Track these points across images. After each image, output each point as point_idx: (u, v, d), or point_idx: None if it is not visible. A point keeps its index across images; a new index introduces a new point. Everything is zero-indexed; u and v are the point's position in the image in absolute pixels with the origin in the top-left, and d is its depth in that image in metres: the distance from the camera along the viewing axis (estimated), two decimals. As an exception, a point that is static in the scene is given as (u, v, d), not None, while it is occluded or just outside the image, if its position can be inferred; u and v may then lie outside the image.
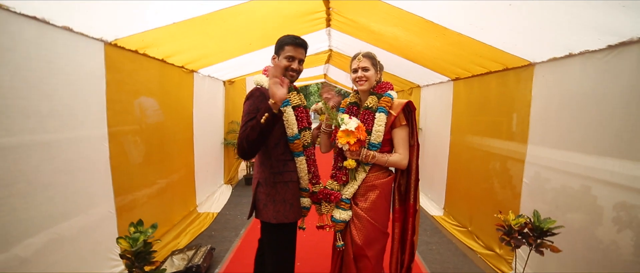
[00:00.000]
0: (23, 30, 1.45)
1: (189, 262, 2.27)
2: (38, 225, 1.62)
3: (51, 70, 1.64)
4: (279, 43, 1.52)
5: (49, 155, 1.65)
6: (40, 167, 1.60)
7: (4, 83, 1.38)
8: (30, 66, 1.51)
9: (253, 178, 1.57)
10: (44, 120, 1.61)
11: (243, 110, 1.44)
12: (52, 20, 1.57)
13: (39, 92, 1.57)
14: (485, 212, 2.83)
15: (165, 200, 2.92)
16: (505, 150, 2.54)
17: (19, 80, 1.45)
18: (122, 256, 1.72)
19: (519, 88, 2.30)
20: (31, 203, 1.56)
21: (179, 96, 3.21)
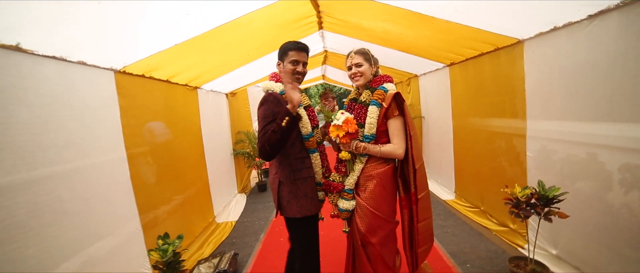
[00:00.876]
0: (44, 69, 1.59)
1: (215, 269, 2.38)
2: (70, 249, 1.70)
3: (66, 103, 1.73)
4: (282, 49, 1.63)
5: (70, 185, 1.73)
6: (63, 196, 1.68)
7: (22, 120, 1.48)
8: (44, 102, 1.60)
9: (272, 179, 1.66)
10: (61, 152, 1.68)
11: (258, 116, 1.53)
12: (68, 57, 1.70)
13: (55, 125, 1.65)
14: (496, 191, 2.87)
15: (185, 214, 3.05)
16: (507, 128, 2.60)
17: (35, 116, 1.54)
18: (155, 267, 1.85)
19: (511, 66, 2.36)
20: (60, 230, 1.64)
21: (186, 113, 3.34)
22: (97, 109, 1.97)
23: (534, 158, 2.26)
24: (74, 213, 1.75)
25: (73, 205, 1.75)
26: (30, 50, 1.49)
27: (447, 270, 2.27)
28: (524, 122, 2.29)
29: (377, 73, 1.69)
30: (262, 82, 1.77)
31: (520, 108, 2.32)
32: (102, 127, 2.02)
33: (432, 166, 4.59)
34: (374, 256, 1.62)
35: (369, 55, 1.68)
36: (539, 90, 2.13)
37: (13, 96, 1.44)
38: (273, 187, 1.65)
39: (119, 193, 2.14)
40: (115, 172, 2.12)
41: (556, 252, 2.14)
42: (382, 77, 1.67)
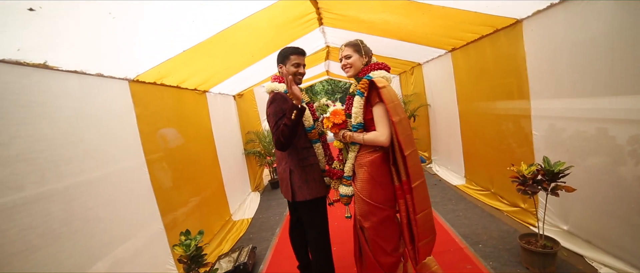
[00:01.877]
0: (67, 83, 1.71)
1: (235, 262, 2.49)
2: (99, 252, 1.83)
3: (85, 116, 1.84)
4: (283, 54, 1.82)
5: (94, 192, 1.84)
6: (89, 204, 1.79)
7: (46, 135, 1.57)
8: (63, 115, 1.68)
9: (282, 170, 1.83)
10: (82, 162, 1.78)
11: (269, 114, 1.74)
12: (87, 71, 1.82)
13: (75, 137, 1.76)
14: (505, 172, 2.87)
15: (203, 214, 3.18)
16: (512, 109, 2.62)
17: (57, 130, 1.64)
18: (179, 260, 1.97)
19: (512, 46, 2.38)
20: (88, 235, 1.76)
21: (197, 116, 3.46)
22: (114, 118, 2.09)
23: (541, 137, 2.28)
24: (100, 219, 1.87)
25: (99, 212, 1.87)
26: (56, 67, 1.61)
27: (459, 251, 2.32)
28: (528, 102, 2.30)
29: (369, 62, 1.70)
30: (266, 83, 1.92)
31: (524, 88, 2.33)
32: (121, 135, 2.14)
33: (441, 153, 4.61)
34: (370, 240, 1.69)
35: (360, 47, 1.70)
36: (540, 69, 2.15)
37: (35, 113, 1.54)
38: (284, 176, 1.81)
39: (141, 196, 2.27)
40: (136, 177, 2.25)
41: (567, 228, 2.16)
42: (371, 66, 1.67)
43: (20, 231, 1.39)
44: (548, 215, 2.26)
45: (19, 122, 1.45)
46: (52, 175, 1.58)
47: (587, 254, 1.96)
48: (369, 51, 1.74)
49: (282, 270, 2.48)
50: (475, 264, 2.13)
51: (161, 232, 2.41)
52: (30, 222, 1.44)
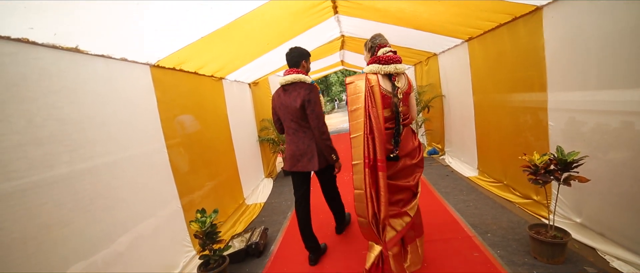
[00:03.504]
0: (95, 67, 1.83)
1: (248, 241, 2.61)
2: (123, 228, 1.97)
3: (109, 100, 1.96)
4: (307, 54, 2.32)
5: (119, 173, 1.97)
6: (113, 184, 1.92)
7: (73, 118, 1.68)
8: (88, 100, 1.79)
9: (308, 144, 2.21)
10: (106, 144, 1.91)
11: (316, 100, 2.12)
12: (113, 55, 1.93)
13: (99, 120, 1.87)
14: (519, 165, 2.85)
15: (218, 196, 3.32)
16: (529, 101, 2.56)
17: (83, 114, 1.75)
18: (195, 236, 2.09)
19: (530, 35, 2.31)
20: (112, 212, 1.89)
21: (214, 103, 3.58)
22: (136, 103, 2.20)
23: (558, 129, 2.23)
24: (124, 199, 2.00)
25: (122, 192, 2.00)
26: (86, 51, 1.73)
27: (467, 239, 2.34)
28: (544, 94, 2.25)
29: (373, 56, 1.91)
30: (292, 75, 2.17)
31: (541, 79, 2.28)
32: (142, 119, 2.26)
33: (454, 144, 4.56)
34: None
35: (367, 44, 1.99)
36: (559, 59, 2.09)
37: (66, 97, 1.65)
38: (310, 150, 2.20)
39: (160, 178, 2.40)
40: (157, 160, 2.37)
41: (580, 220, 2.13)
42: (369, 60, 1.92)
43: (55, 206, 1.52)
44: (561, 207, 2.23)
45: (51, 105, 1.56)
46: (79, 155, 1.69)
47: (599, 247, 1.93)
48: (372, 47, 1.93)
49: (293, 251, 2.58)
50: (482, 252, 2.15)
51: (179, 212, 2.55)
52: (62, 198, 1.56)
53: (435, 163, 4.71)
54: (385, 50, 1.85)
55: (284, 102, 2.18)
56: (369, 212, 1.71)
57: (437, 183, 3.73)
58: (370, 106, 1.74)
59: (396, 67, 1.81)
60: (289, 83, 2.16)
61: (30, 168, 1.43)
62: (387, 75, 1.83)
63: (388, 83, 1.84)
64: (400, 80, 1.85)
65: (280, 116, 2.28)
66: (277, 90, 2.31)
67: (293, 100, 2.11)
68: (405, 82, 1.90)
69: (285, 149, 2.37)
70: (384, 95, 1.80)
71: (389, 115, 1.86)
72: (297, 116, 2.15)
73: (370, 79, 1.79)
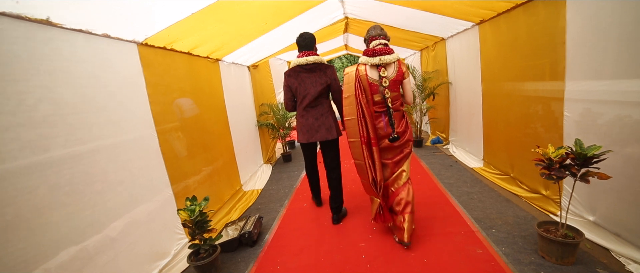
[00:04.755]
0: (74, 42, 1.68)
1: (241, 230, 2.53)
2: (117, 212, 1.93)
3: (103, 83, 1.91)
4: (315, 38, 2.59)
5: (114, 157, 1.94)
6: (108, 168, 1.90)
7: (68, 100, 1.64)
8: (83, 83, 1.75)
9: (327, 117, 2.55)
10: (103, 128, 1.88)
11: (337, 79, 2.53)
12: (93, 30, 1.78)
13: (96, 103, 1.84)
14: (528, 157, 2.70)
15: (213, 183, 3.23)
16: (542, 90, 2.38)
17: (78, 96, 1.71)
18: (184, 225, 2.00)
19: (550, 17, 2.11)
20: (107, 197, 1.87)
21: (209, 86, 3.42)
22: (122, 84, 2.06)
23: (573, 121, 2.06)
24: (119, 183, 1.97)
25: (118, 176, 1.97)
26: (59, 24, 1.57)
27: (470, 234, 2.23)
28: (562, 82, 2.06)
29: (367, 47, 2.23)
30: (312, 57, 2.46)
31: (559, 66, 2.09)
32: (130, 102, 2.12)
33: (459, 134, 4.40)
34: None
35: (365, 36, 2.28)
36: (582, 44, 1.89)
37: (59, 78, 1.60)
38: (328, 122, 2.54)
39: (150, 164, 2.28)
40: (146, 146, 2.25)
41: (593, 219, 1.99)
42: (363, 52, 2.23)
43: (50, 188, 1.50)
44: (573, 203, 2.10)
45: (45, 86, 1.52)
46: (75, 138, 1.67)
47: (613, 248, 1.81)
48: (368, 38, 2.23)
49: (288, 240, 2.50)
50: (486, 248, 2.04)
51: (170, 199, 2.45)
52: (57, 181, 1.54)
53: (439, 152, 4.56)
54: (375, 43, 2.15)
55: (307, 81, 2.48)
56: (370, 177, 2.19)
57: (440, 174, 3.60)
58: (359, 94, 2.11)
59: (381, 58, 2.08)
60: (310, 63, 2.45)
61: (22, 150, 1.39)
62: (374, 65, 2.12)
63: (375, 72, 2.12)
64: (387, 69, 2.12)
65: (298, 92, 2.53)
66: (293, 69, 2.53)
67: (318, 78, 2.48)
68: (394, 71, 2.13)
69: (300, 123, 2.59)
70: (371, 84, 2.13)
71: (379, 100, 2.16)
72: (320, 93, 2.49)
73: (359, 70, 2.14)
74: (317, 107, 2.53)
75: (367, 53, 2.15)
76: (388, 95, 2.10)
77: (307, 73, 2.47)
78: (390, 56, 2.09)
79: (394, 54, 2.13)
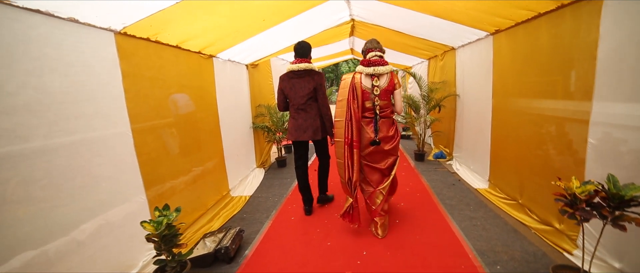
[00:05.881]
0: (33, 26, 1.46)
1: (218, 244, 2.29)
2: (92, 212, 1.81)
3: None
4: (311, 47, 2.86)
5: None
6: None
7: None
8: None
9: (314, 119, 2.76)
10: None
11: (324, 86, 2.77)
12: (56, 13, 1.57)
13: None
14: (539, 182, 2.46)
15: (197, 186, 3.00)
16: (563, 110, 2.12)
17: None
18: (148, 239, 1.76)
19: (580, 29, 1.85)
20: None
21: (200, 83, 3.20)
22: (94, 76, 1.86)
23: (599, 148, 1.80)
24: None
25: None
26: (7, 1, 1.36)
27: (472, 270, 1.97)
28: (588, 103, 1.80)
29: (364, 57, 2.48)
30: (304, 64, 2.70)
31: (586, 84, 1.83)
32: (102, 97, 1.92)
33: (464, 150, 4.14)
34: None
35: (363, 47, 2.53)
36: (617, 61, 1.63)
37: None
38: (315, 123, 2.75)
39: (123, 166, 2.07)
40: (118, 145, 2.04)
41: (620, 266, 1.69)
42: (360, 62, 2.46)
43: (23, 181, 1.42)
44: (594, 244, 1.83)
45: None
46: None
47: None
48: (365, 49, 2.49)
49: (269, 259, 2.26)
50: (490, 290, 1.78)
51: (144, 205, 2.24)
52: (32, 173, 1.46)
53: (442, 168, 4.30)
54: (371, 55, 2.39)
55: (297, 85, 2.70)
56: (346, 176, 2.39)
57: (441, 193, 3.34)
58: (351, 99, 2.32)
59: (375, 68, 2.32)
60: (302, 70, 2.68)
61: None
62: (369, 74, 2.34)
63: (369, 81, 2.35)
64: (380, 79, 2.35)
65: (289, 96, 2.78)
66: (286, 74, 2.78)
67: (307, 83, 2.68)
68: (386, 81, 2.36)
69: (291, 123, 2.82)
70: (364, 91, 2.35)
71: (370, 107, 2.38)
72: (308, 97, 2.70)
73: (355, 77, 2.36)
74: (307, 109, 2.74)
75: (364, 63, 2.38)
76: (377, 103, 2.34)
77: (298, 78, 2.71)
78: (384, 67, 2.33)
79: (388, 65, 2.36)
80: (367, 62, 2.36)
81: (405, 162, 4.71)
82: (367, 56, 2.41)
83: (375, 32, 4.37)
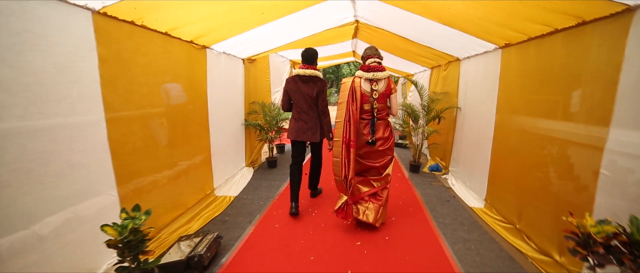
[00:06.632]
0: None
1: (192, 251, 2.11)
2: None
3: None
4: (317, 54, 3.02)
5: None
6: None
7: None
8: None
9: (314, 123, 2.92)
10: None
11: (325, 92, 2.90)
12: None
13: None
14: (540, 208, 2.32)
15: (180, 183, 2.82)
16: (574, 134, 1.96)
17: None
18: (108, 245, 1.57)
19: (601, 49, 1.70)
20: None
21: (191, 75, 3.02)
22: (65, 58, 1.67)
23: (611, 180, 1.65)
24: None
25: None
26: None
27: (464, 301, 1.81)
28: (605, 128, 1.66)
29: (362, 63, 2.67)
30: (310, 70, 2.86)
31: (604, 108, 1.68)
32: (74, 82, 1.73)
33: (461, 165, 4.00)
34: None
35: (363, 54, 2.70)
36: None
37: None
38: (315, 126, 2.91)
39: (94, 158, 1.89)
40: (89, 135, 1.85)
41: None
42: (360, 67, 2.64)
43: None
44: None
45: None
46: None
47: None
48: (365, 56, 2.66)
49: (246, 269, 2.09)
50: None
51: (115, 202, 2.05)
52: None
53: (437, 182, 4.15)
54: (371, 61, 2.57)
55: (302, 89, 2.87)
56: (342, 174, 2.50)
57: (435, 210, 3.19)
58: (350, 102, 2.47)
59: (374, 74, 2.50)
60: (307, 75, 2.85)
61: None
62: (368, 79, 2.51)
63: (368, 85, 2.52)
64: (378, 84, 2.52)
65: (293, 98, 2.94)
66: (293, 77, 2.95)
67: (310, 89, 2.85)
68: (384, 86, 2.54)
69: (292, 124, 3.00)
70: (363, 94, 2.52)
71: (368, 109, 2.55)
72: (311, 101, 2.88)
73: (355, 81, 2.51)
74: (309, 112, 2.91)
75: (363, 68, 2.56)
76: (376, 106, 2.52)
77: (303, 83, 2.87)
78: (382, 73, 2.51)
79: (385, 71, 2.54)
80: (367, 68, 2.52)
81: (400, 173, 4.56)
82: (366, 62, 2.58)
83: (379, 36, 4.21)
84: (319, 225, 2.75)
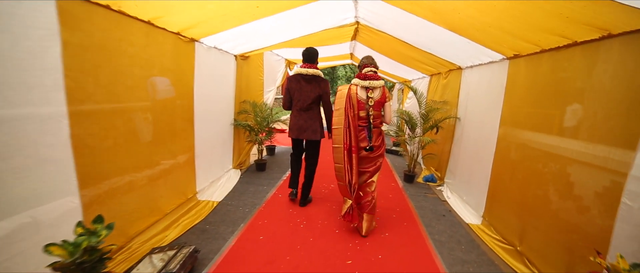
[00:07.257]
0: None
1: (164, 267, 1.88)
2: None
3: None
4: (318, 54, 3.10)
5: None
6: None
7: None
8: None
9: (315, 121, 3.03)
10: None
11: (329, 92, 3.05)
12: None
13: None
14: (545, 232, 2.17)
15: (153, 188, 2.56)
16: (591, 156, 1.79)
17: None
18: (55, 269, 1.32)
19: (627, 65, 1.55)
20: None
21: (176, 68, 2.77)
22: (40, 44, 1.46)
23: (633, 210, 1.50)
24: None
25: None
26: None
27: None
28: (630, 153, 1.50)
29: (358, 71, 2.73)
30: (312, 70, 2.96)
31: (630, 130, 1.52)
32: (34, 68, 1.50)
33: (459, 177, 3.84)
34: None
35: (359, 63, 2.75)
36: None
37: None
38: (315, 125, 3.03)
39: (52, 157, 1.65)
40: (49, 131, 1.62)
41: None
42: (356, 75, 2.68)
43: None
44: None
45: None
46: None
47: None
48: (361, 65, 2.71)
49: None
50: None
51: (76, 208, 1.80)
52: None
53: (432, 194, 3.98)
54: (367, 70, 2.61)
55: (305, 88, 2.94)
56: (346, 179, 2.55)
57: (430, 225, 3.01)
58: (348, 108, 2.53)
59: (370, 82, 2.53)
60: (309, 75, 2.94)
61: None
62: (364, 87, 2.55)
63: (364, 93, 2.55)
64: (374, 92, 2.54)
65: (294, 97, 3.01)
66: (295, 76, 3.00)
67: (313, 88, 2.94)
68: (379, 94, 2.56)
69: (292, 122, 3.08)
70: (359, 102, 2.55)
71: (364, 115, 2.57)
72: (313, 101, 2.97)
73: (351, 89, 2.56)
74: (309, 111, 3.00)
75: (360, 76, 2.60)
76: (371, 113, 2.54)
77: (306, 82, 2.94)
78: (378, 82, 2.56)
79: (381, 80, 2.58)
80: (364, 76, 2.57)
81: (394, 183, 4.39)
82: (362, 71, 2.63)
83: (379, 39, 4.04)
84: (307, 239, 2.55)
